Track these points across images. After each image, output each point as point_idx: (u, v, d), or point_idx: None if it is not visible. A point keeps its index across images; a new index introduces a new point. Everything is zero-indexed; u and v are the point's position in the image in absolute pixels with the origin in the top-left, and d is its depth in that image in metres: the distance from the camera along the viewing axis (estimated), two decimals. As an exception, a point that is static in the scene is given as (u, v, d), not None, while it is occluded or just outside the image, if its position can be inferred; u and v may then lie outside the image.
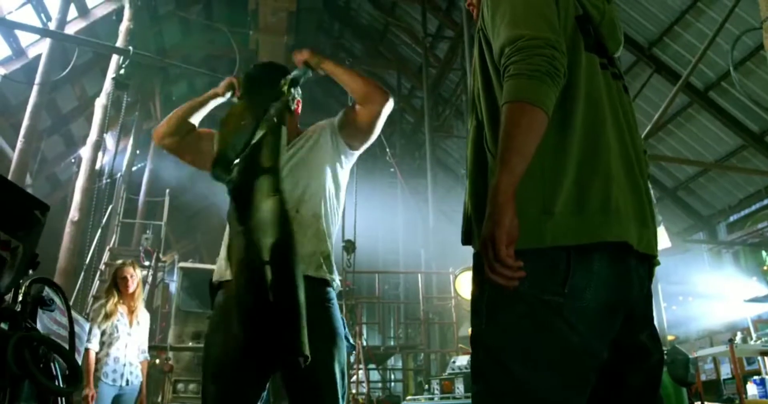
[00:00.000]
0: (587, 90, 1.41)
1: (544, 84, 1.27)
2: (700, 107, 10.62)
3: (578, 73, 1.40)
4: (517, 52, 1.31)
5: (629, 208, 1.37)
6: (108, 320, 4.67)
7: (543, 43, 1.30)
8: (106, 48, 10.23)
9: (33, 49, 11.15)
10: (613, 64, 1.55)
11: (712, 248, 12.32)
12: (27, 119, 9.19)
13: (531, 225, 1.29)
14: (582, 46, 1.44)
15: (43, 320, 1.91)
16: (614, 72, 1.53)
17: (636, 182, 1.42)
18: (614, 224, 1.32)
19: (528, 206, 1.31)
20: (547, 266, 1.30)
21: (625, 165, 1.41)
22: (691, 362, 5.51)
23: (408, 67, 16.59)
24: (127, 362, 4.68)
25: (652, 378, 1.46)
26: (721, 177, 11.70)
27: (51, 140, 13.51)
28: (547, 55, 1.29)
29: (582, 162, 1.35)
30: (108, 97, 10.59)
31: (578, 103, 1.39)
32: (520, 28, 1.34)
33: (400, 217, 15.81)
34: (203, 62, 16.58)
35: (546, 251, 1.30)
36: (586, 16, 1.51)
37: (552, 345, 1.28)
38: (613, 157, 1.38)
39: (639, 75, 10.84)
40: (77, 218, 9.68)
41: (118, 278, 4.85)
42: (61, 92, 12.78)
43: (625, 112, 1.50)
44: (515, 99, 1.28)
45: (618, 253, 1.33)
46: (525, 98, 1.27)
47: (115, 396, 4.62)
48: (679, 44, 10.08)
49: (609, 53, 1.55)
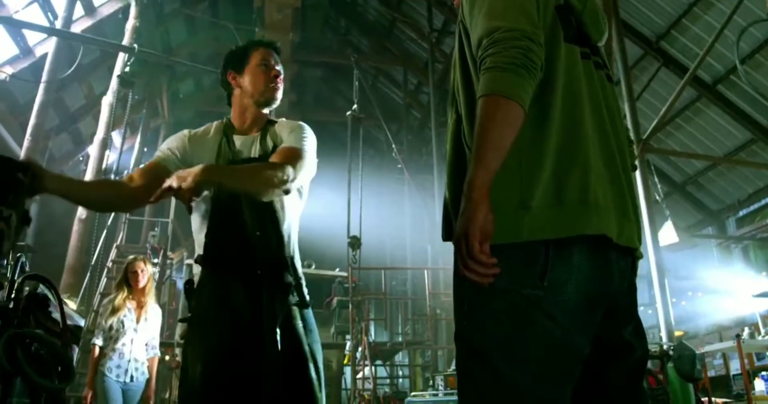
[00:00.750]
0: (566, 82, 1.38)
1: (520, 77, 1.25)
2: (708, 100, 10.55)
3: (557, 65, 1.38)
4: (493, 44, 1.29)
5: (609, 200, 1.35)
6: (114, 315, 4.65)
7: (519, 35, 1.28)
8: (111, 46, 10.27)
9: (40, 47, 11.19)
10: (596, 53, 1.53)
11: (721, 243, 12.24)
12: (34, 117, 9.23)
13: (508, 220, 1.28)
14: (561, 37, 1.42)
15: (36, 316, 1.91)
16: (597, 61, 1.51)
17: (617, 174, 1.40)
18: (593, 217, 1.30)
19: (505, 200, 1.29)
20: (526, 260, 1.28)
21: (606, 157, 1.39)
22: (697, 357, 5.47)
23: (414, 62, 16.55)
24: (132, 358, 4.63)
25: (635, 373, 1.44)
26: (730, 171, 11.62)
27: (59, 139, 13.57)
28: (523, 47, 1.27)
29: (560, 155, 1.32)
30: (115, 96, 10.65)
31: (556, 95, 1.37)
32: (497, 20, 1.32)
33: (407, 213, 15.79)
34: (209, 60, 16.59)
35: (523, 244, 1.28)
36: (567, 5, 1.49)
37: (534, 339, 1.26)
38: (592, 149, 1.36)
39: (647, 69, 10.76)
40: (85, 216, 9.74)
41: (129, 273, 4.82)
42: (68, 91, 12.83)
43: (608, 102, 1.47)
44: (490, 92, 1.26)
45: (598, 246, 1.31)
46: (500, 92, 1.25)
47: (124, 391, 4.57)
48: (687, 37, 10.00)
49: (592, 42, 1.53)
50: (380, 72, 18.44)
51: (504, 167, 1.27)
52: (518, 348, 1.26)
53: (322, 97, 20.15)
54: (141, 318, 4.77)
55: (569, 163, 1.32)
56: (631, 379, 1.43)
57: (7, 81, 10.77)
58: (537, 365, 1.26)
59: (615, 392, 1.41)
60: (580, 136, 1.35)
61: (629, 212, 1.40)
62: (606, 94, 1.48)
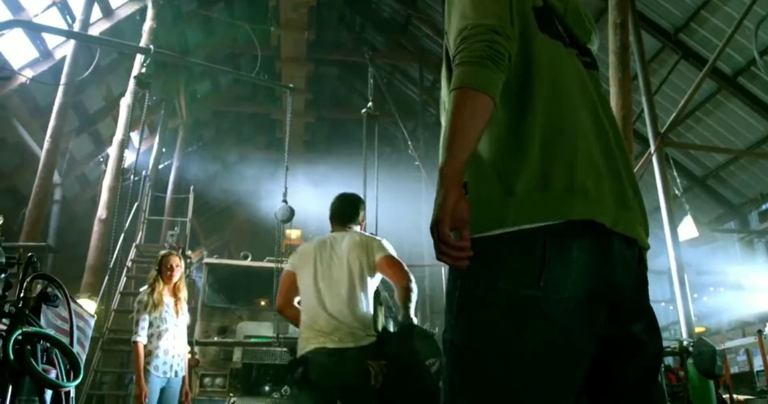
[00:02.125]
0: (551, 73, 1.40)
1: (485, 68, 1.29)
2: (728, 93, 10.38)
3: (538, 57, 1.41)
4: (462, 41, 1.34)
5: (603, 190, 1.33)
6: (156, 310, 4.56)
7: (484, 30, 1.33)
8: (127, 47, 10.37)
9: (59, 50, 11.33)
10: (586, 54, 1.56)
11: (743, 237, 12.06)
12: (53, 119, 9.36)
13: (493, 208, 1.29)
14: (538, 31, 1.45)
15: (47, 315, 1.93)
16: (586, 61, 1.54)
17: (616, 168, 1.39)
18: (579, 203, 1.28)
19: (489, 189, 1.31)
20: (522, 255, 1.26)
21: (603, 150, 1.39)
22: (718, 354, 5.40)
23: (430, 59, 16.48)
24: (175, 353, 4.59)
25: (648, 371, 1.39)
26: (752, 164, 11.43)
27: (79, 140, 13.74)
28: (488, 39, 1.31)
29: (545, 143, 1.33)
30: (133, 97, 10.76)
31: (540, 85, 1.38)
32: (467, 19, 1.38)
33: (424, 210, 15.76)
34: (227, 60, 16.71)
35: (518, 237, 1.26)
36: (547, 7, 1.51)
37: (531, 342, 1.22)
38: (583, 138, 1.36)
39: (665, 62, 10.62)
40: (105, 217, 9.85)
41: (164, 267, 4.72)
42: (87, 93, 12.99)
43: (602, 99, 1.49)
44: (458, 86, 1.30)
45: (598, 238, 1.29)
46: (466, 84, 1.29)
47: (162, 389, 4.53)
48: (707, 29, 9.84)
49: (581, 43, 1.56)
50: (396, 69, 18.41)
51: (487, 156, 1.32)
52: (514, 352, 1.22)
53: (338, 96, 20.16)
54: (179, 312, 4.71)
55: (555, 151, 1.33)
56: (645, 377, 1.38)
57: (28, 84, 10.93)
58: (534, 369, 1.21)
59: (628, 391, 1.36)
60: (568, 125, 1.36)
61: (629, 202, 1.38)
62: (599, 92, 1.49)
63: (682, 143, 10.72)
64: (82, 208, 14.72)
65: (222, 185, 18.93)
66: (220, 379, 7.99)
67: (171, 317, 4.64)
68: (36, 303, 1.92)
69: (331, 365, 3.06)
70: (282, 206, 8.07)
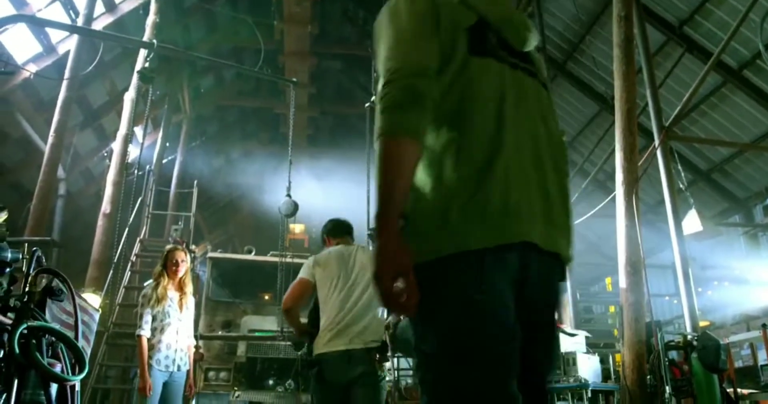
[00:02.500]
0: (483, 98, 1.45)
1: (407, 113, 1.35)
2: (733, 86, 10.32)
3: (473, 83, 1.46)
4: (385, 85, 1.40)
5: (534, 208, 1.42)
6: (159, 304, 4.59)
7: (406, 73, 1.38)
8: (130, 42, 10.35)
9: (63, 45, 11.33)
10: (526, 61, 1.58)
11: (748, 231, 12.02)
12: (57, 114, 9.36)
13: (428, 240, 1.38)
14: (471, 55, 1.48)
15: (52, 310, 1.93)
16: (526, 68, 1.56)
17: (544, 179, 1.47)
18: (512, 225, 1.38)
19: (425, 221, 1.40)
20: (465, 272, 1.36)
21: (535, 160, 1.46)
22: (722, 348, 5.39)
23: (434, 53, 16.44)
24: (178, 348, 4.61)
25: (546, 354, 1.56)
26: (757, 158, 11.38)
27: (83, 135, 13.76)
28: (409, 84, 1.37)
29: (479, 171, 1.39)
30: (136, 91, 10.76)
31: (473, 113, 1.44)
32: (390, 61, 1.43)
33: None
34: (230, 54, 16.68)
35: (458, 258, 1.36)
36: (481, 22, 1.53)
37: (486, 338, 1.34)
38: (514, 158, 1.42)
39: (670, 55, 10.56)
40: (109, 211, 9.87)
41: (169, 261, 4.73)
42: (91, 88, 12.99)
43: (541, 107, 1.54)
44: (379, 134, 1.37)
45: (526, 250, 1.40)
46: (390, 133, 1.36)
47: (165, 383, 4.54)
48: (712, 22, 9.78)
49: (518, 50, 1.58)
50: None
51: (423, 190, 1.40)
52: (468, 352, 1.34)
53: (342, 90, 20.10)
54: (183, 307, 4.73)
55: (488, 178, 1.39)
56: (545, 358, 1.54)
57: (32, 79, 10.93)
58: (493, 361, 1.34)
59: None
60: (500, 148, 1.41)
61: (556, 219, 1.48)
62: (540, 99, 1.55)
63: (687, 136, 10.67)
64: (87, 203, 14.75)
65: (226, 179, 18.94)
66: (225, 373, 8.03)
67: (174, 311, 4.66)
68: (41, 297, 1.92)
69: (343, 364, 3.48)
70: (286, 200, 8.07)
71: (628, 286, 6.01)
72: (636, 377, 5.57)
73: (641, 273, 6.07)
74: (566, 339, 5.65)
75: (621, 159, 6.47)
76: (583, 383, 5.19)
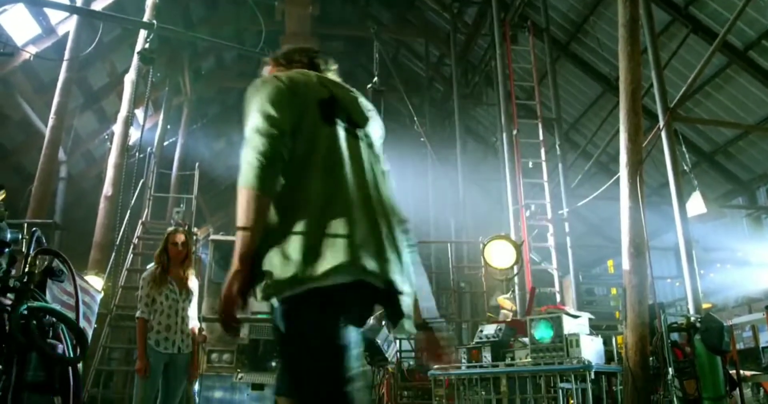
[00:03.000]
0: (326, 158, 1.79)
1: (255, 170, 1.69)
2: (738, 67, 10.22)
3: (317, 143, 1.81)
4: (251, 146, 1.75)
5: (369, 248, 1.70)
6: (159, 287, 4.60)
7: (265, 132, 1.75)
8: (130, 22, 10.23)
9: (62, 26, 11.24)
10: (366, 134, 1.98)
11: (751, 213, 11.99)
12: (58, 96, 9.32)
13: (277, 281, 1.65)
14: (321, 123, 1.85)
15: (53, 290, 1.91)
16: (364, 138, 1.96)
17: (375, 222, 1.78)
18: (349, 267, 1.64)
19: (273, 265, 1.67)
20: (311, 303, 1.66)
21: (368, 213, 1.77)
22: (725, 330, 5.38)
23: (436, 34, 16.29)
24: (178, 329, 4.60)
25: None
26: (761, 140, 11.31)
27: (84, 117, 13.71)
28: (260, 145, 1.72)
29: (318, 218, 1.69)
30: (137, 73, 10.68)
31: (315, 170, 1.77)
32: (259, 123, 1.79)
33: (430, 186, 15.72)
34: (231, 35, 16.54)
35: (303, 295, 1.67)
36: (333, 99, 1.93)
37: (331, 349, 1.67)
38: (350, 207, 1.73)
39: (675, 35, 10.45)
40: (111, 194, 9.85)
41: (169, 244, 4.71)
42: (91, 69, 12.92)
43: (375, 170, 1.92)
44: (245, 186, 1.71)
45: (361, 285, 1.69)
46: (251, 187, 1.69)
47: (166, 364, 4.55)
48: (717, 2, 9.66)
49: (360, 127, 1.97)
50: (402, 44, 18.20)
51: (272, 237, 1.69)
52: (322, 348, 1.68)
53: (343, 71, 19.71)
54: (185, 289, 4.72)
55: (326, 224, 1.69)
56: None
57: (31, 60, 10.86)
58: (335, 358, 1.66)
59: None
60: (338, 200, 1.74)
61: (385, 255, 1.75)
62: (375, 165, 1.93)
63: (691, 117, 10.58)
64: (88, 185, 14.74)
65: (227, 162, 18.87)
66: (228, 355, 8.07)
67: (174, 294, 4.66)
68: (41, 277, 1.91)
69: None
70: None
71: (631, 268, 5.99)
72: (639, 359, 5.56)
73: (645, 255, 6.03)
74: (569, 320, 5.63)
75: (625, 140, 6.40)
76: (586, 364, 5.19)
